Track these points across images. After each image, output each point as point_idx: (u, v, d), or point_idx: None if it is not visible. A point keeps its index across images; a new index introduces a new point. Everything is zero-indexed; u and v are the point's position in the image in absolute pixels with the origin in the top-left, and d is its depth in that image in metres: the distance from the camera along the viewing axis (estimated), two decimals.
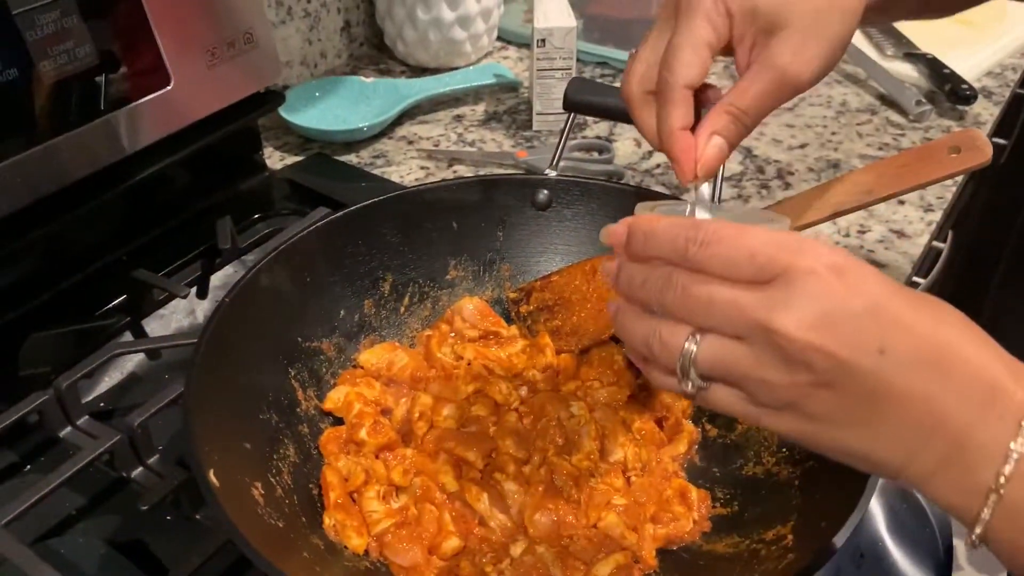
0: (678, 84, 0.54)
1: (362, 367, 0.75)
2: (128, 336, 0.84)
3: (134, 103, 0.80)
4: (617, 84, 0.64)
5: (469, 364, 0.76)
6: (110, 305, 0.85)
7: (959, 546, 0.69)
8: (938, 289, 1.58)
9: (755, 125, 0.56)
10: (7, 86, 0.70)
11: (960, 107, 1.14)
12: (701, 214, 0.54)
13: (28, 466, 0.72)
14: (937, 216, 0.97)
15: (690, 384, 0.44)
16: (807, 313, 0.39)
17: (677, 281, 0.43)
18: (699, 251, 0.42)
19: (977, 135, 0.68)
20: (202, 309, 0.89)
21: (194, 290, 0.87)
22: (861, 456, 0.42)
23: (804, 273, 0.40)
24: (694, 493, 0.66)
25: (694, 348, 0.43)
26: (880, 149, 1.08)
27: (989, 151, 0.68)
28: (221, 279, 0.90)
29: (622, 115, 0.83)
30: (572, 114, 0.86)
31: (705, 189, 0.56)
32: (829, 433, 0.42)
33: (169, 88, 0.83)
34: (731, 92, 0.55)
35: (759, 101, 0.54)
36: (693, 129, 0.55)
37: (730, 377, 0.43)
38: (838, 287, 0.40)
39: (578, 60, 1.13)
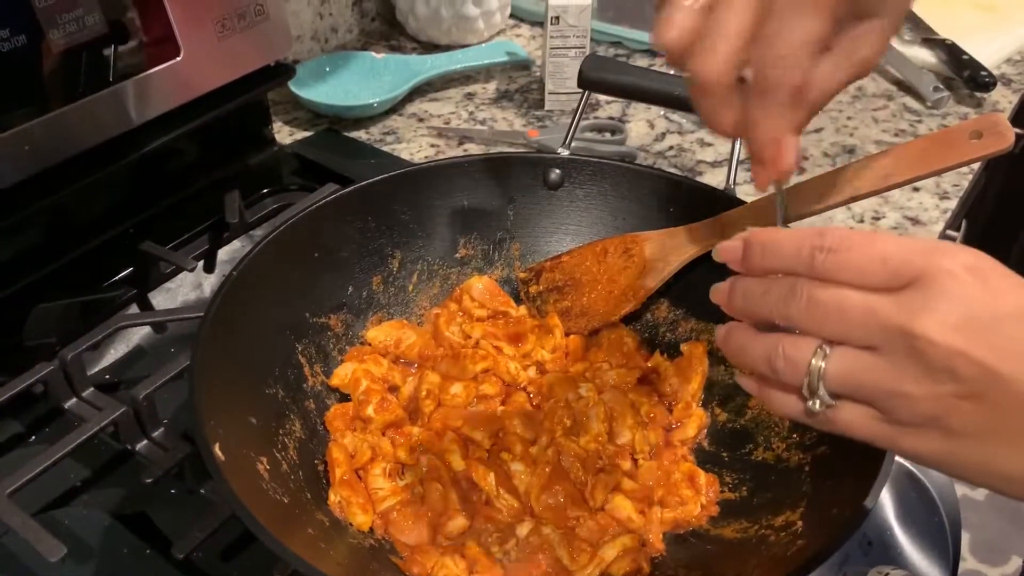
0: (790, 84, 0.45)
1: (370, 344, 0.75)
2: (134, 309, 0.84)
3: (143, 74, 0.80)
4: (633, 63, 0.63)
5: (477, 343, 0.75)
6: (117, 277, 0.85)
7: (966, 537, 0.68)
8: None
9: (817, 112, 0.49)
10: (15, 54, 0.69)
11: (978, 94, 1.13)
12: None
13: (33, 437, 0.72)
14: (952, 204, 0.96)
15: (817, 403, 0.41)
16: (950, 316, 0.37)
17: (802, 291, 0.41)
18: (827, 258, 0.40)
19: (1000, 119, 0.67)
20: (209, 283, 0.88)
21: (201, 263, 0.87)
22: (1017, 478, 0.38)
23: (943, 275, 0.37)
24: (702, 477, 0.66)
25: (822, 363, 0.40)
26: (896, 135, 1.07)
27: (1012, 136, 0.66)
28: (228, 253, 0.90)
29: (639, 94, 0.83)
30: (586, 92, 0.85)
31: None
32: (976, 452, 0.38)
33: (178, 59, 0.82)
34: (815, 79, 0.46)
35: (829, 95, 0.47)
36: None
37: (863, 392, 0.40)
38: (980, 290, 0.37)
39: (592, 39, 1.11)
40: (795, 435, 0.65)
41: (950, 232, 1.05)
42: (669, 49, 0.46)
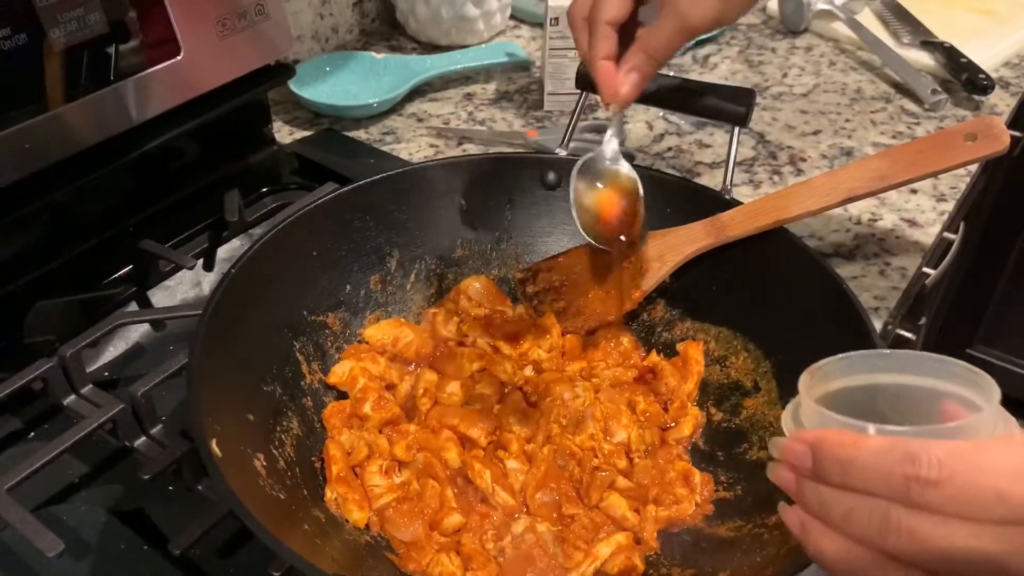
0: (601, 20, 0.64)
1: (367, 342, 0.75)
2: (133, 306, 0.84)
3: (143, 72, 0.80)
4: None
5: (474, 343, 0.76)
6: (116, 275, 0.85)
7: None
8: (948, 280, 1.57)
9: (666, 60, 0.66)
10: (16, 52, 0.70)
11: (976, 97, 1.13)
12: (613, 141, 0.68)
13: (31, 433, 0.72)
14: (950, 206, 0.96)
15: None
16: None
17: (900, 523, 0.37)
18: (927, 492, 0.36)
19: (994, 123, 0.67)
20: (208, 281, 0.89)
21: (201, 262, 0.87)
22: None
23: None
24: (697, 476, 0.66)
25: None
26: (894, 137, 1.07)
27: (1006, 139, 0.67)
28: (228, 252, 0.90)
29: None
30: (584, 93, 0.85)
31: (612, 141, 0.70)
32: None
33: (179, 58, 0.82)
34: (645, 32, 0.65)
35: (666, 43, 0.65)
36: (620, 57, 0.65)
37: None
38: None
39: None
40: None
41: (947, 235, 1.05)
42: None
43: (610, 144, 0.72)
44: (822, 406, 0.43)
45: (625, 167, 0.72)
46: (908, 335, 1.02)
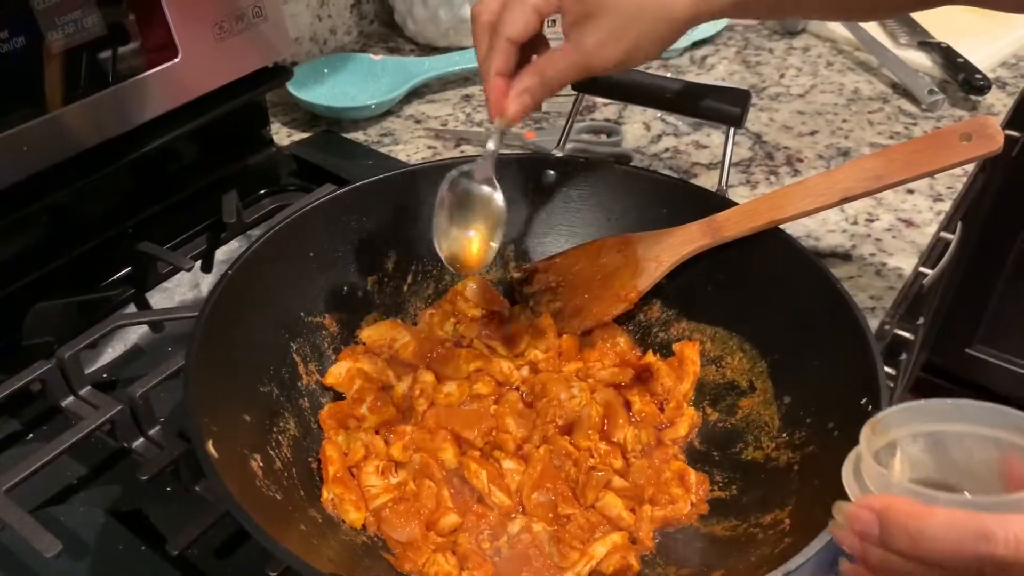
0: (503, 35, 0.62)
1: (364, 343, 0.75)
2: (132, 308, 0.85)
3: (141, 75, 0.80)
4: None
5: (471, 343, 0.76)
6: (114, 277, 0.85)
7: None
8: (946, 280, 1.57)
9: (559, 88, 0.64)
10: (14, 55, 0.70)
11: (973, 97, 1.13)
12: (491, 146, 0.66)
13: (30, 434, 0.72)
14: (947, 206, 0.96)
15: None
16: None
17: None
18: (1003, 574, 0.36)
19: (989, 122, 0.68)
20: (206, 283, 0.89)
21: (199, 263, 0.87)
22: None
23: None
24: (693, 476, 0.66)
25: None
26: (891, 138, 1.07)
27: (1001, 139, 0.67)
28: (226, 253, 0.90)
29: (634, 96, 0.83)
30: (580, 94, 0.86)
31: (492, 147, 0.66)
32: None
33: (177, 60, 0.83)
34: (545, 57, 0.64)
35: (563, 74, 0.63)
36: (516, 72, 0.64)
37: None
38: None
39: None
40: (784, 435, 0.66)
41: (944, 235, 1.05)
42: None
43: (484, 166, 0.68)
44: (880, 455, 0.43)
45: (498, 196, 0.68)
46: (907, 335, 1.02)
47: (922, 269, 0.92)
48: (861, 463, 0.44)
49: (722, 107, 0.79)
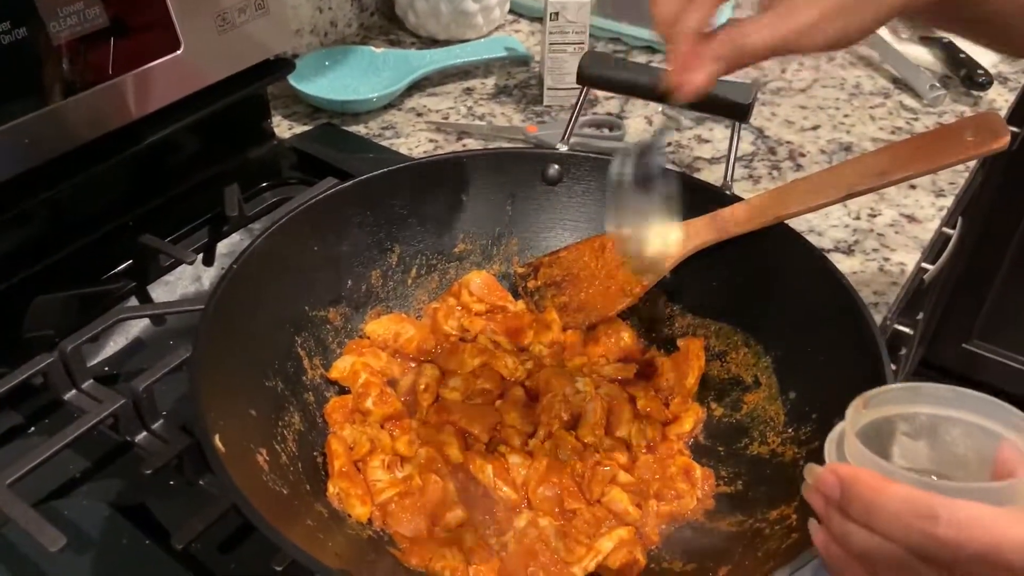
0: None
1: (368, 337, 0.75)
2: (134, 301, 0.84)
3: (143, 67, 0.80)
4: (632, 59, 0.63)
5: (475, 338, 0.76)
6: (116, 270, 0.85)
7: None
8: (946, 275, 1.58)
9: (749, 65, 0.54)
10: (16, 46, 0.69)
11: (975, 92, 1.13)
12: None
13: (32, 428, 0.72)
14: (948, 202, 0.96)
15: None
16: None
17: (913, 572, 0.38)
18: (941, 552, 0.37)
19: (995, 118, 0.67)
20: (208, 276, 0.89)
21: (200, 257, 0.87)
22: None
23: None
24: (698, 471, 0.66)
25: None
26: (893, 133, 1.07)
27: (1007, 135, 0.67)
28: (228, 247, 0.90)
29: (637, 90, 0.83)
30: (585, 88, 0.85)
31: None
32: None
33: (178, 53, 0.82)
34: (739, 28, 0.52)
35: (760, 49, 0.52)
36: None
37: None
38: None
39: (590, 35, 1.12)
40: (790, 430, 0.66)
41: (946, 230, 1.06)
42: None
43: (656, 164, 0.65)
44: (872, 428, 0.44)
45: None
46: (906, 330, 1.02)
47: (924, 264, 0.92)
48: (844, 435, 0.45)
49: (728, 101, 0.79)
